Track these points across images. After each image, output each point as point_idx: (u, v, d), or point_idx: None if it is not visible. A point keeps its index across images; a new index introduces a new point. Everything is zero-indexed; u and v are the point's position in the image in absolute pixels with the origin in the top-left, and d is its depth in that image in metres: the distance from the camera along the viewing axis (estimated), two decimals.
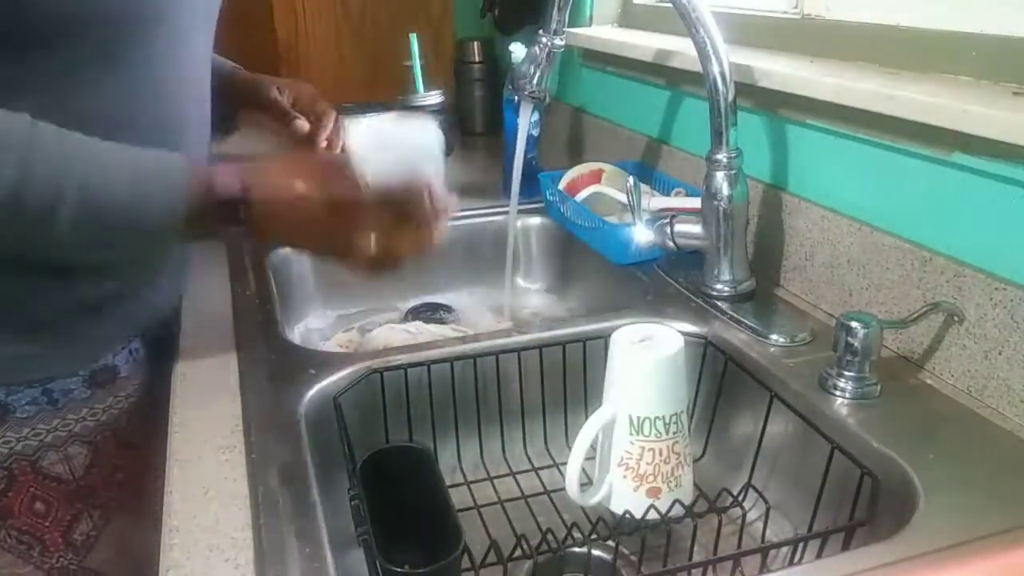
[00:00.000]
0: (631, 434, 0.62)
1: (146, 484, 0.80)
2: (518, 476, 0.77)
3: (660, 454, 0.63)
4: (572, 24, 1.26)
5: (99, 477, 0.77)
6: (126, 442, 0.78)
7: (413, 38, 1.23)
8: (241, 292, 0.90)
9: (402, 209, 0.67)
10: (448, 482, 0.68)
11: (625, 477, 0.64)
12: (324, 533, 0.53)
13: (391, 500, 0.58)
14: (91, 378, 0.74)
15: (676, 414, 0.63)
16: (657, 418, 0.62)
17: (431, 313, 1.11)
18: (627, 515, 0.61)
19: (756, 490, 0.67)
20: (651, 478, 0.63)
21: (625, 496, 0.64)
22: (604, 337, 0.77)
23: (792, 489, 0.68)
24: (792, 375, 0.70)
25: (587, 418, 0.78)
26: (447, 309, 1.12)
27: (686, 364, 0.64)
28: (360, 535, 0.51)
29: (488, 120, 1.70)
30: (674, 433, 0.63)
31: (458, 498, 0.70)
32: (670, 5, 0.81)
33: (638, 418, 0.62)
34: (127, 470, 0.79)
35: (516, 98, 1.03)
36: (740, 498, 0.63)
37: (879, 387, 0.67)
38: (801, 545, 0.57)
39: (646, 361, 0.62)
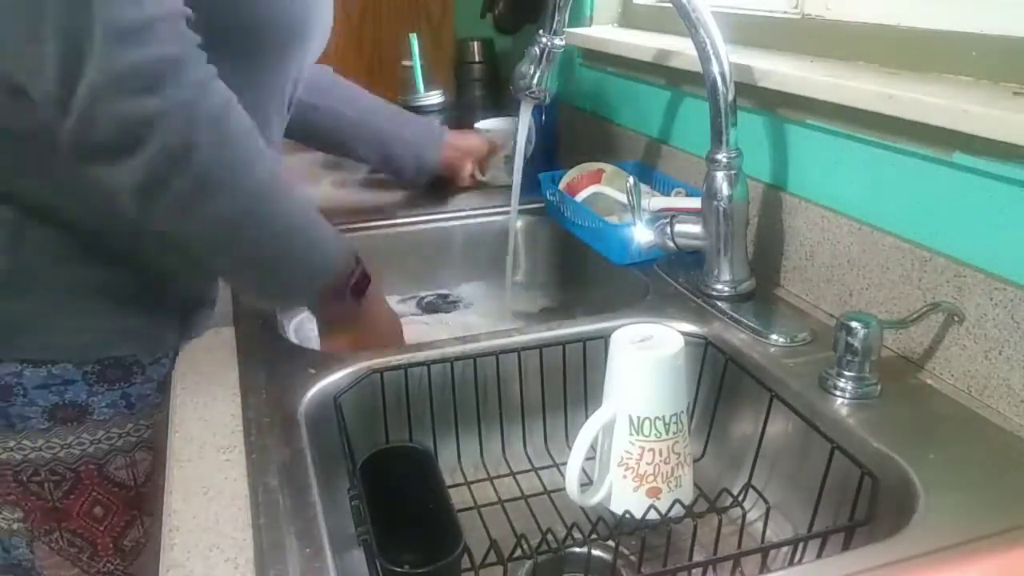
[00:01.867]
0: (631, 434, 0.62)
1: None
2: (518, 476, 0.77)
3: (660, 454, 0.63)
4: (572, 24, 1.26)
5: (157, 485, 0.77)
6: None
7: (413, 38, 1.24)
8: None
9: None
10: (448, 482, 0.68)
11: (625, 477, 0.64)
12: (324, 533, 0.53)
13: (391, 500, 0.58)
14: (162, 383, 0.76)
15: (676, 414, 0.63)
16: (657, 418, 0.62)
17: (442, 302, 1.13)
18: (627, 515, 0.61)
19: (756, 490, 0.67)
20: (651, 478, 0.63)
21: (625, 496, 0.64)
22: (604, 337, 0.77)
23: (792, 489, 0.68)
24: (792, 375, 0.70)
25: (587, 418, 0.78)
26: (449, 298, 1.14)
27: (686, 364, 0.64)
28: (360, 535, 0.51)
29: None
30: (674, 433, 0.63)
31: (458, 498, 0.70)
32: (670, 5, 0.81)
33: (638, 418, 0.62)
34: None
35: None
36: (740, 498, 0.63)
37: (879, 387, 0.67)
38: (801, 545, 0.57)
39: (646, 361, 0.62)
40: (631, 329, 0.64)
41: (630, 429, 0.62)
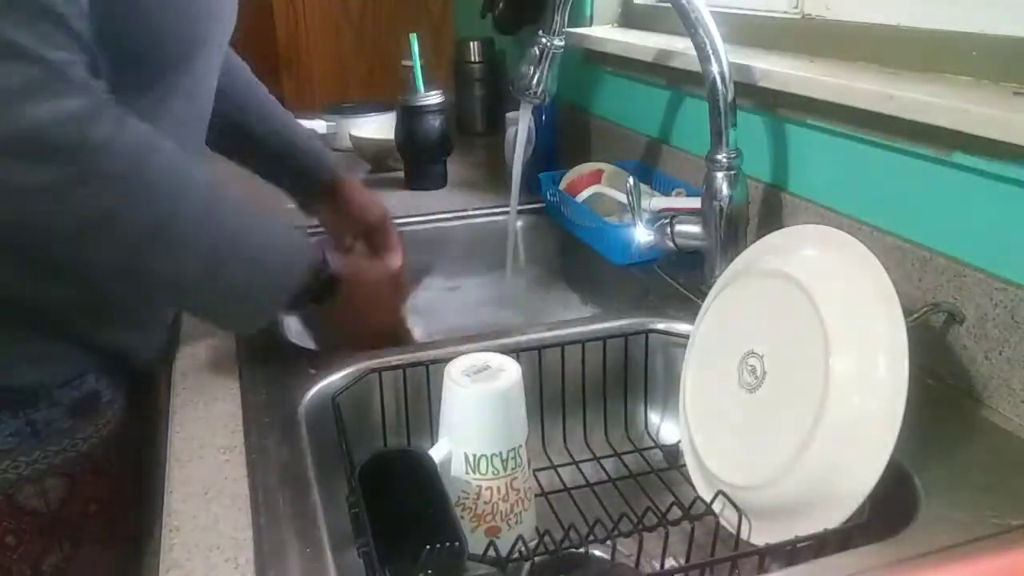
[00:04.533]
0: (467, 472, 0.60)
1: (119, 511, 0.78)
2: None
3: (498, 492, 0.60)
4: (572, 24, 1.26)
5: (74, 509, 0.74)
6: (102, 471, 0.76)
7: (413, 38, 1.23)
8: None
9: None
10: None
11: (463, 518, 0.61)
12: (324, 533, 0.53)
13: (390, 504, 0.58)
14: (73, 408, 0.72)
15: (514, 448, 0.60)
16: (494, 455, 0.60)
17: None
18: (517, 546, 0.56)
19: None
20: (489, 517, 0.61)
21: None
22: (603, 339, 0.78)
23: None
24: None
25: (585, 420, 0.78)
26: None
27: (524, 393, 0.61)
28: (360, 547, 0.51)
29: (488, 120, 1.70)
30: (512, 469, 0.60)
31: None
32: (670, 5, 0.81)
33: (474, 456, 0.60)
34: (100, 500, 0.76)
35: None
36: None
37: None
38: (801, 546, 0.57)
39: (480, 396, 0.59)
40: (465, 359, 0.62)
41: (466, 467, 0.60)
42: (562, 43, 0.95)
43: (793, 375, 0.57)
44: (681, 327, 0.79)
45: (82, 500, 0.74)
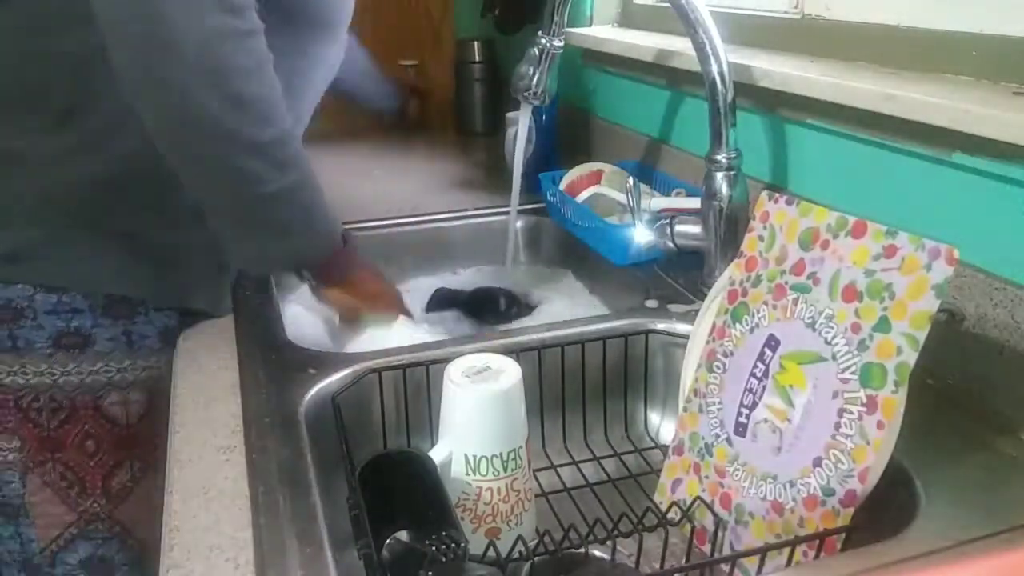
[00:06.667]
0: (467, 474, 0.60)
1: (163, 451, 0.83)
2: None
3: (499, 493, 0.60)
4: (572, 24, 1.27)
5: (147, 428, 0.80)
6: (166, 402, 0.79)
7: None
8: (241, 292, 0.90)
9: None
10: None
11: (463, 519, 0.61)
12: (324, 533, 0.53)
13: (390, 505, 0.58)
14: (163, 332, 0.80)
15: (515, 450, 0.60)
16: (494, 456, 0.59)
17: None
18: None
19: None
20: (489, 519, 0.61)
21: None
22: (604, 339, 0.78)
23: None
24: None
25: (585, 420, 0.78)
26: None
27: (525, 394, 0.61)
28: (361, 548, 0.51)
29: (488, 120, 1.70)
30: (513, 470, 0.60)
31: None
32: (670, 5, 0.81)
33: (474, 457, 0.60)
34: (165, 427, 0.80)
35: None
36: None
37: None
38: (800, 546, 0.57)
39: (480, 397, 0.59)
40: (465, 360, 0.61)
41: (466, 469, 0.60)
42: (561, 43, 0.95)
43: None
44: (681, 327, 0.79)
45: (156, 420, 0.80)
